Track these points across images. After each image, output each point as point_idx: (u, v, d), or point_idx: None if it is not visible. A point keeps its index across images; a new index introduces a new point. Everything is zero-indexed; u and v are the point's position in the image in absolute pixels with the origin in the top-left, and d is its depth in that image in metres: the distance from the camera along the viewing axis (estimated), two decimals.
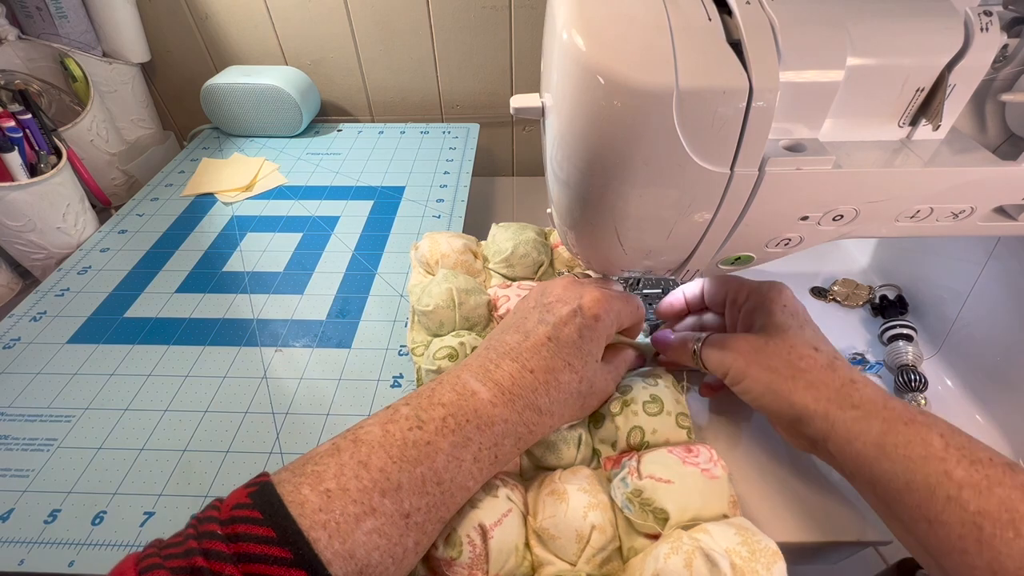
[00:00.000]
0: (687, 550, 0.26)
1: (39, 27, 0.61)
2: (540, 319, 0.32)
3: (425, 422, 0.26)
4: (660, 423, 0.34)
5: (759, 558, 0.25)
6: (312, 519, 0.22)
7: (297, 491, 0.22)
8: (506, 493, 0.30)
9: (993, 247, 0.39)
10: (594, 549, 0.29)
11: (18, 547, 0.32)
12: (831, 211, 0.27)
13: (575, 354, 0.30)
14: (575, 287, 0.33)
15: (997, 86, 0.27)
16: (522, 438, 0.29)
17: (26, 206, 0.51)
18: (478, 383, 0.28)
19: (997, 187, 0.27)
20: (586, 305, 0.32)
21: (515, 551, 0.29)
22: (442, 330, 0.41)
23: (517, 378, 0.29)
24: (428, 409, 0.27)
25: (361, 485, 0.23)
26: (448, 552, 0.27)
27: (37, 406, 0.40)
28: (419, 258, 0.47)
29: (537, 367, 0.30)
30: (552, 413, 0.30)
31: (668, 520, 0.28)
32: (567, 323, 0.31)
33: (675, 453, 0.31)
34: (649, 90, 0.21)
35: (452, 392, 0.28)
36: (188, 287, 0.51)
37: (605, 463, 0.34)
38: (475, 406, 0.27)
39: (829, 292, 0.50)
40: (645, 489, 0.29)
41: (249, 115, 0.71)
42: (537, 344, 0.30)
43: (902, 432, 0.27)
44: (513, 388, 0.29)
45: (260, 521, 0.21)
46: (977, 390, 0.41)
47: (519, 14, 0.70)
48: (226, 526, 0.21)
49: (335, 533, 0.22)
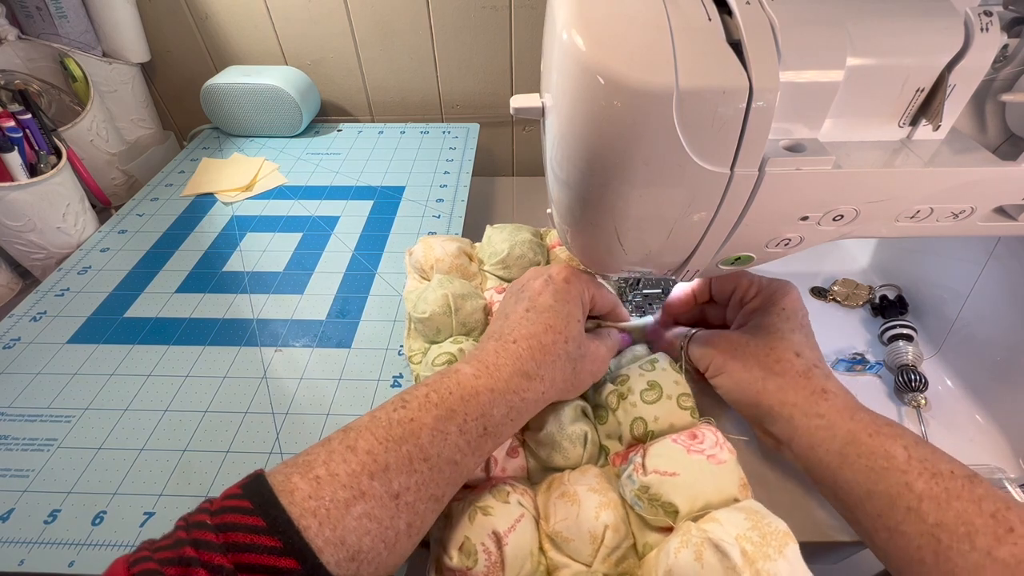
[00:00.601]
0: (696, 542, 0.25)
1: (39, 27, 0.61)
2: (516, 299, 0.33)
3: (408, 401, 0.27)
4: (661, 409, 0.33)
5: (770, 542, 0.25)
6: (302, 507, 0.22)
7: (287, 480, 0.23)
8: (517, 499, 0.30)
9: (993, 247, 0.39)
10: (608, 548, 0.29)
11: (18, 547, 0.32)
12: (831, 211, 0.27)
13: (553, 316, 0.31)
14: (542, 267, 0.36)
15: (997, 86, 0.27)
16: (514, 407, 0.29)
17: (26, 206, 0.51)
18: (462, 363, 0.30)
19: (997, 187, 0.27)
20: (555, 273, 0.34)
21: (530, 556, 0.29)
22: (439, 337, 0.41)
23: (500, 352, 0.30)
24: (412, 391, 0.28)
25: (350, 469, 0.23)
26: (463, 562, 0.27)
27: (37, 406, 0.40)
28: (413, 264, 0.47)
29: (519, 336, 0.30)
30: (542, 378, 0.30)
31: (678, 513, 0.28)
32: (541, 292, 0.32)
33: (679, 442, 0.31)
34: (649, 90, 0.21)
35: (436, 375, 0.29)
36: (188, 287, 0.51)
37: (613, 459, 0.34)
38: (458, 380, 0.28)
39: (829, 292, 0.50)
40: (652, 485, 0.29)
41: (249, 115, 0.71)
42: (517, 318, 0.32)
43: (865, 443, 0.28)
44: (497, 360, 0.29)
45: (250, 511, 0.21)
46: (977, 390, 0.41)
47: (519, 14, 0.70)
48: (216, 516, 0.21)
49: (325, 520, 0.22)
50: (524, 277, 0.36)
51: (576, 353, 0.32)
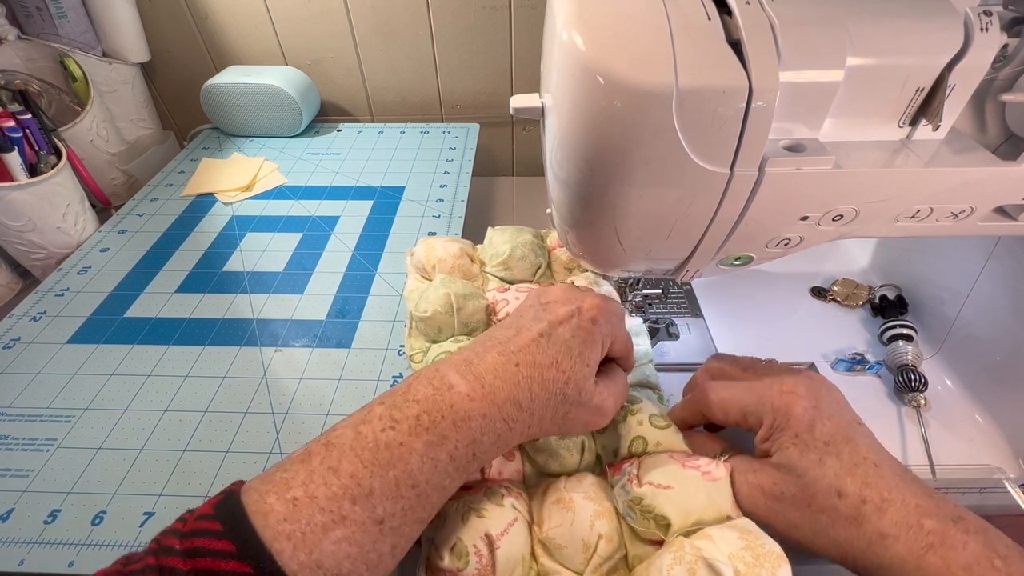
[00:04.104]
0: (690, 560, 0.25)
1: (39, 27, 0.61)
2: (535, 316, 0.30)
3: (398, 421, 0.25)
4: (665, 437, 0.33)
5: (763, 563, 0.25)
6: (276, 529, 0.21)
7: (262, 500, 0.22)
8: (511, 502, 0.30)
9: (993, 247, 0.39)
10: (601, 558, 0.28)
11: (18, 547, 0.32)
12: (831, 211, 0.27)
13: (564, 352, 0.29)
14: (575, 291, 0.32)
15: (997, 86, 0.27)
16: (501, 435, 0.27)
17: (26, 206, 0.51)
18: (457, 376, 0.27)
19: (997, 187, 0.27)
20: (585, 308, 0.30)
21: (521, 561, 0.28)
22: (440, 336, 0.41)
23: (500, 370, 0.27)
24: (402, 407, 0.25)
25: (330, 492, 0.22)
26: (454, 562, 0.27)
27: (37, 406, 0.40)
28: (415, 264, 0.47)
29: (523, 361, 0.28)
30: (532, 412, 0.28)
31: (671, 526, 0.28)
32: (563, 322, 0.29)
33: (675, 457, 0.30)
34: (649, 90, 0.21)
35: (428, 387, 0.26)
36: (188, 287, 0.51)
37: (606, 469, 0.34)
38: (451, 400, 0.26)
39: (829, 292, 0.50)
40: (645, 496, 0.29)
41: (249, 115, 0.71)
42: (528, 339, 0.29)
43: None
44: (495, 381, 0.27)
45: (220, 534, 0.20)
46: (977, 390, 0.41)
47: (519, 14, 0.70)
48: (186, 539, 0.21)
49: (300, 544, 0.21)
50: (553, 291, 0.32)
51: (575, 398, 0.29)
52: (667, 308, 0.49)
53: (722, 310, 0.49)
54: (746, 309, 0.50)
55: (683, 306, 0.50)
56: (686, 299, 0.50)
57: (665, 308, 0.49)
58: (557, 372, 0.28)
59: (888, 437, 0.40)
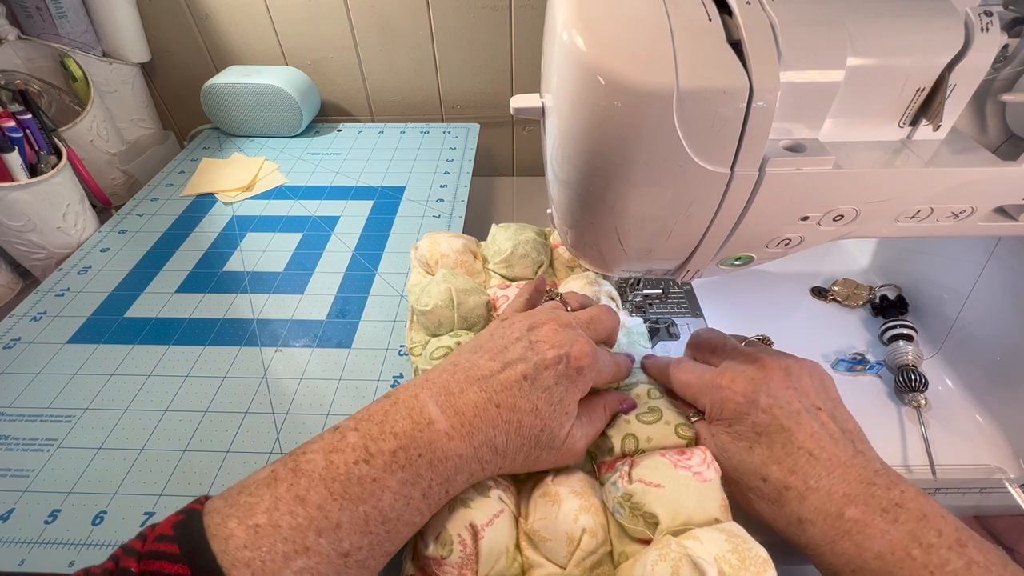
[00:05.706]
0: (675, 558, 0.25)
1: (39, 27, 0.61)
2: (522, 356, 0.29)
3: (373, 455, 0.24)
4: (656, 431, 0.33)
5: (749, 566, 0.25)
6: (235, 556, 0.20)
7: (224, 524, 0.21)
8: (498, 494, 0.30)
9: (993, 247, 0.39)
10: (584, 552, 0.28)
11: (18, 547, 0.32)
12: (831, 211, 0.27)
13: (545, 399, 0.29)
14: (566, 332, 0.31)
15: (997, 86, 0.27)
16: (474, 475, 0.28)
17: (26, 206, 0.51)
18: (436, 409, 0.26)
19: (997, 187, 0.27)
20: (574, 355, 0.29)
21: (505, 552, 0.29)
22: (440, 330, 0.41)
23: (480, 410, 0.27)
24: (379, 439, 0.25)
25: (295, 522, 0.22)
26: (438, 550, 0.27)
27: (37, 406, 0.40)
28: (419, 258, 0.48)
29: (504, 403, 0.28)
30: (506, 455, 0.28)
31: (659, 525, 0.28)
32: (549, 367, 0.29)
33: (668, 456, 0.31)
34: (649, 90, 0.21)
35: (407, 419, 0.26)
36: (188, 287, 0.51)
37: (599, 467, 0.34)
38: (430, 438, 0.25)
39: (829, 292, 0.50)
40: (635, 493, 0.29)
41: (249, 115, 0.71)
42: (512, 380, 0.28)
43: None
44: (474, 420, 0.27)
45: (176, 557, 0.20)
46: (977, 390, 0.41)
47: (519, 14, 0.70)
48: (143, 561, 0.20)
49: (260, 572, 0.20)
50: (540, 325, 0.31)
51: (547, 443, 0.29)
52: (667, 308, 0.49)
53: (722, 310, 0.49)
54: (746, 309, 0.50)
55: (683, 306, 0.50)
56: (686, 299, 0.50)
57: (665, 308, 0.49)
58: (535, 419, 0.28)
59: (888, 437, 0.40)
